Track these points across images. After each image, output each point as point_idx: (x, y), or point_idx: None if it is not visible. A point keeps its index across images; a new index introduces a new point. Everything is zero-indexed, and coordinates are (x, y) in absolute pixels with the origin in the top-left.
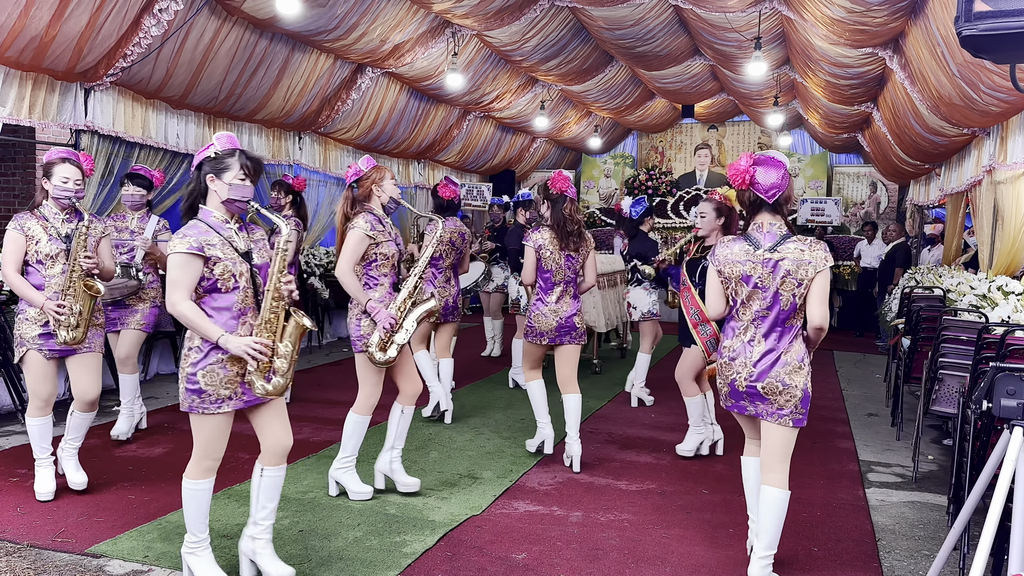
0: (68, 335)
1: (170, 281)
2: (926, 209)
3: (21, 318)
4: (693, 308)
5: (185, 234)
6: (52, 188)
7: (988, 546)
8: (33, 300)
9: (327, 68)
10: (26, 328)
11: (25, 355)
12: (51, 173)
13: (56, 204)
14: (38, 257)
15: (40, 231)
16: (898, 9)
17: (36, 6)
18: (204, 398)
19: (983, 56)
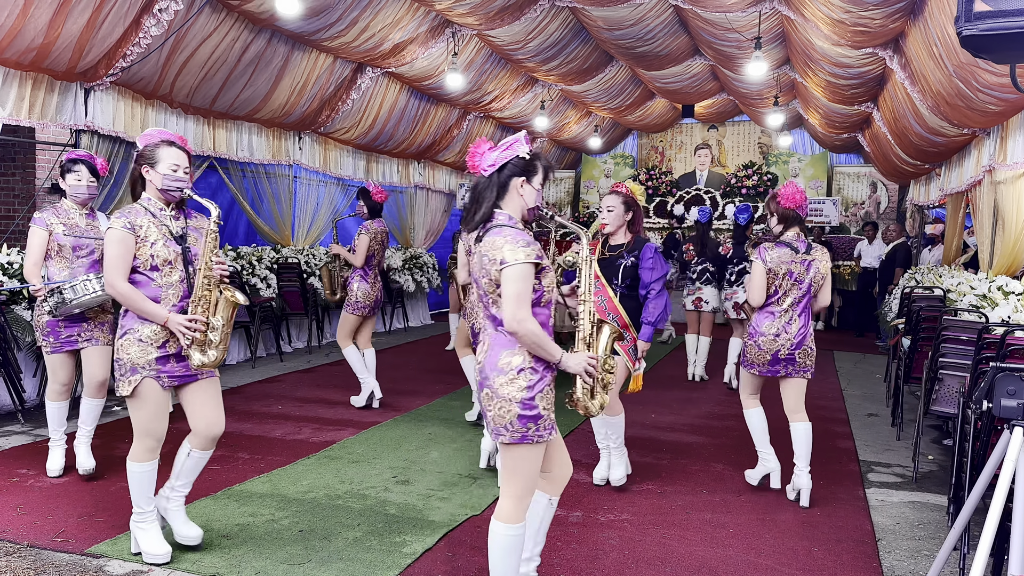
0: (204, 357)
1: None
2: (926, 209)
3: (131, 339)
4: (612, 314)
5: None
6: (160, 178)
7: (988, 546)
8: (154, 315)
9: (327, 68)
10: (138, 351)
11: (139, 385)
12: (155, 159)
13: (162, 197)
14: (153, 263)
15: (155, 231)
16: (897, 10)
17: (36, 6)
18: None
19: (983, 56)
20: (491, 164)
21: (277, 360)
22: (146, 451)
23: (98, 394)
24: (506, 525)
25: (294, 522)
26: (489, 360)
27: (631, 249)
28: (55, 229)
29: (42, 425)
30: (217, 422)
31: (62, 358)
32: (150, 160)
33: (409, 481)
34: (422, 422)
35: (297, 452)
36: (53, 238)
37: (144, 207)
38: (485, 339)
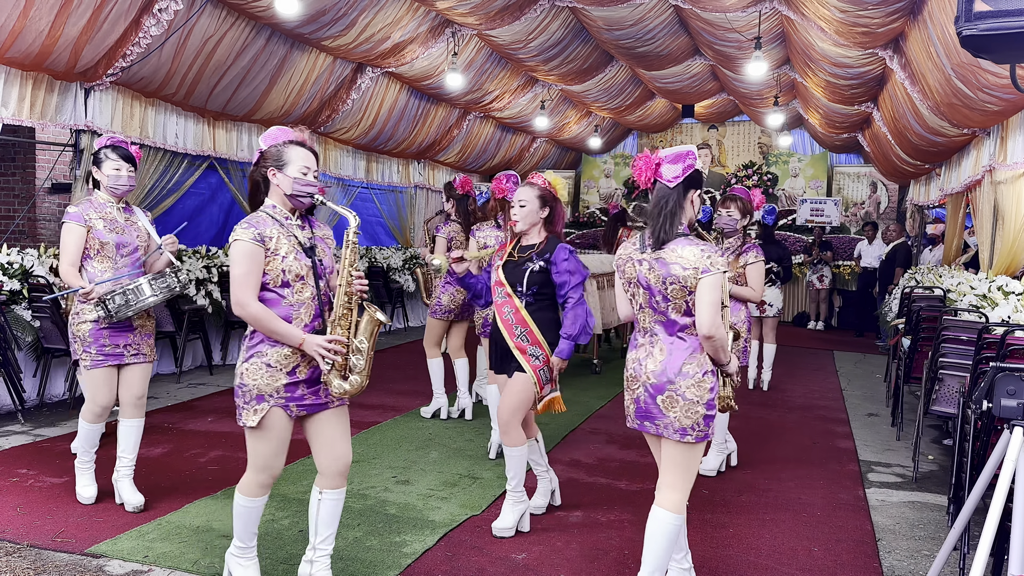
0: (345, 384)
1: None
2: (926, 209)
3: (258, 364)
4: (520, 327)
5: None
6: (290, 183)
7: (988, 546)
8: (288, 336)
9: (327, 67)
10: (266, 377)
11: (266, 415)
12: (283, 161)
13: (289, 205)
14: (284, 279)
15: (285, 242)
16: (897, 9)
17: (36, 7)
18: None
19: (983, 56)
20: (675, 176)
21: None
22: (260, 486)
23: (139, 413)
24: (676, 515)
25: (294, 522)
26: (671, 365)
27: (542, 252)
28: (95, 225)
29: (42, 425)
30: (346, 455)
31: (105, 374)
32: (277, 162)
33: (409, 481)
34: (422, 422)
35: (297, 452)
36: (93, 235)
37: (270, 215)
38: (654, 344)
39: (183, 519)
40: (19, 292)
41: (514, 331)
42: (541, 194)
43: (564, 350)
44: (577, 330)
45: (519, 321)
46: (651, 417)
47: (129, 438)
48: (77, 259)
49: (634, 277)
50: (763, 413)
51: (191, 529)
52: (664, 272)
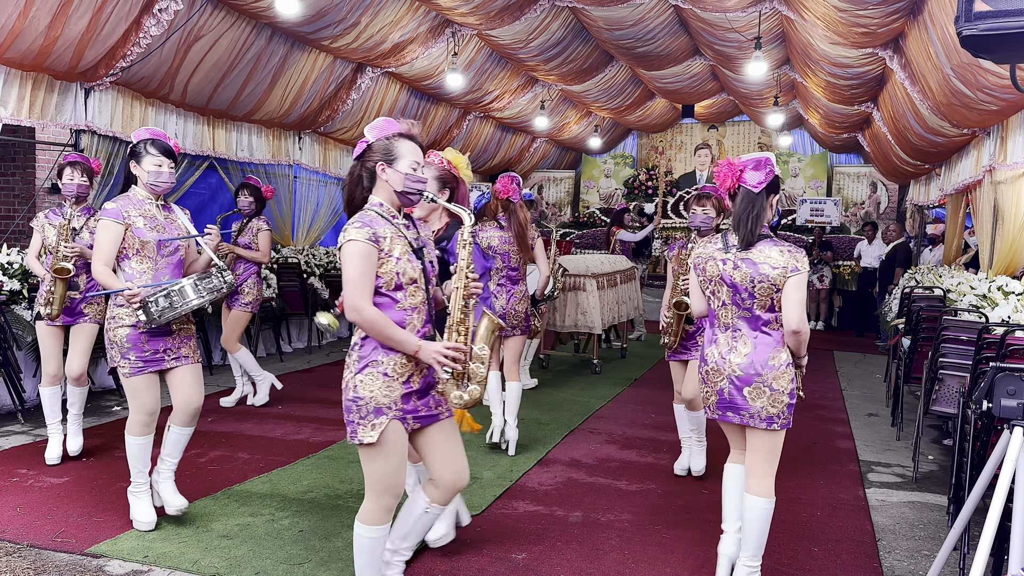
0: (464, 393)
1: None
2: (926, 209)
3: (374, 374)
4: None
5: None
6: (400, 179)
7: (988, 546)
8: (404, 343)
9: (327, 67)
10: (382, 388)
11: (385, 429)
12: (393, 155)
13: (397, 203)
14: (398, 281)
15: (398, 243)
16: (897, 9)
17: (36, 7)
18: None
19: (983, 56)
20: (760, 182)
21: (277, 360)
22: (385, 511)
23: (191, 421)
24: (769, 500)
25: (294, 522)
26: (757, 359)
27: (440, 239)
28: (134, 223)
29: (42, 425)
30: (464, 470)
31: (148, 380)
32: (387, 156)
33: None
34: None
35: (297, 452)
36: (132, 233)
37: (380, 214)
38: (737, 339)
39: (183, 519)
40: (19, 292)
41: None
42: (439, 175)
43: None
44: None
45: None
46: (736, 408)
47: (177, 443)
48: (112, 258)
49: (717, 276)
50: None
51: (191, 529)
52: (753, 271)
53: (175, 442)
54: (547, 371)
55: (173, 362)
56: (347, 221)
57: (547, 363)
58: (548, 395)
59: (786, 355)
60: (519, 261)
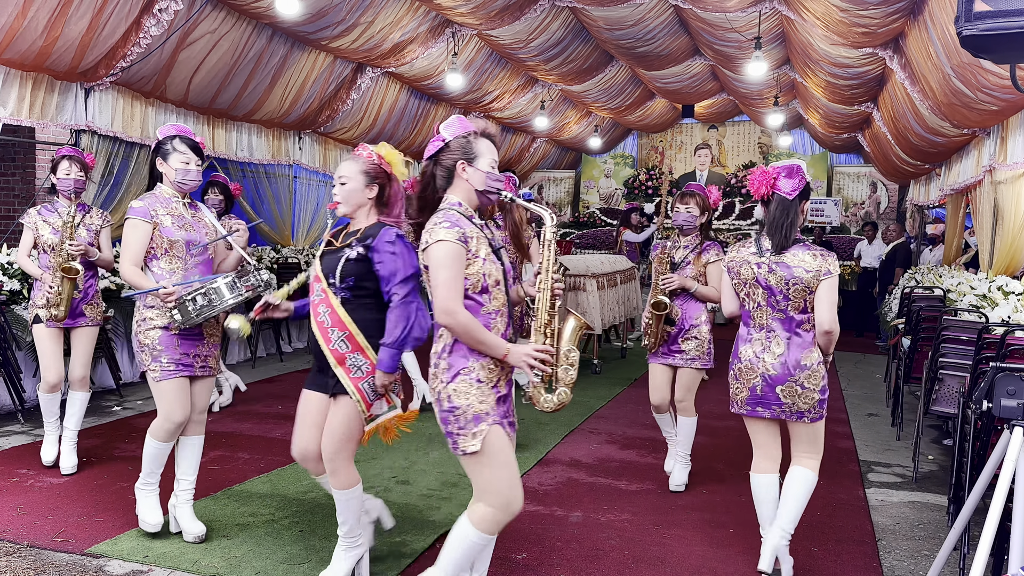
0: (554, 397)
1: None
2: (926, 209)
3: (467, 381)
4: (337, 330)
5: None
6: (482, 178)
7: (988, 546)
8: (495, 347)
9: (327, 67)
10: (477, 395)
11: (488, 436)
12: (473, 153)
13: (476, 202)
14: (484, 283)
15: (483, 243)
16: (897, 9)
17: (36, 7)
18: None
19: (983, 56)
20: (793, 189)
21: (277, 360)
22: (496, 524)
23: (200, 429)
24: (814, 474)
25: (294, 522)
26: (790, 359)
27: (364, 236)
28: (162, 221)
29: (42, 425)
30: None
31: (179, 385)
32: (467, 154)
33: (409, 481)
34: (422, 422)
35: None
36: (161, 233)
37: (462, 214)
38: (771, 339)
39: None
40: (19, 292)
41: (330, 335)
42: (366, 169)
43: (384, 360)
44: (400, 335)
45: (335, 323)
46: (767, 403)
47: (190, 457)
48: (140, 258)
49: (751, 278)
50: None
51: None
52: (787, 274)
53: (187, 455)
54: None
55: (200, 371)
56: (431, 222)
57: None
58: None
59: (817, 354)
60: (515, 260)
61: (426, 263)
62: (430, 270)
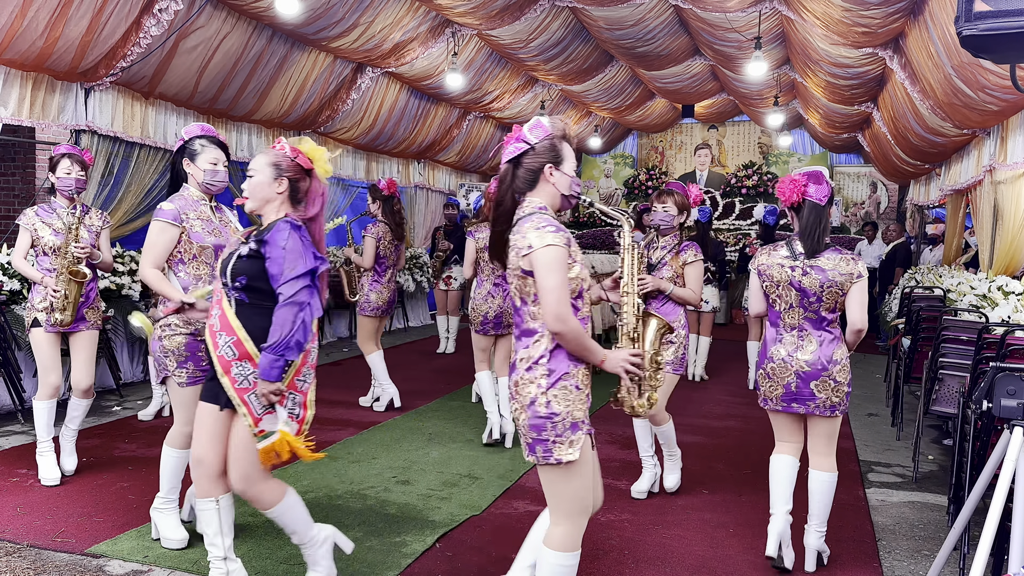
0: (642, 400)
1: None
2: (926, 209)
3: (568, 387)
4: (225, 334)
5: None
6: (568, 182)
7: (988, 546)
8: (595, 352)
9: (327, 67)
10: (575, 401)
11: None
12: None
13: (557, 205)
14: (581, 288)
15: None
16: (897, 9)
17: (36, 7)
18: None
19: (983, 56)
20: (824, 196)
21: None
22: (578, 534)
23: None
24: (833, 474)
25: None
26: (823, 355)
27: (260, 232)
28: (192, 226)
29: None
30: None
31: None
32: (555, 158)
33: (409, 481)
34: (422, 422)
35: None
36: (190, 238)
37: (552, 218)
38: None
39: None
40: (19, 292)
41: (218, 340)
42: (274, 162)
43: (264, 368)
44: (281, 339)
45: (224, 326)
46: (801, 399)
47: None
48: (163, 262)
49: (785, 281)
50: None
51: (190, 529)
52: (821, 277)
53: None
54: None
55: None
56: (527, 225)
57: None
58: None
59: (844, 350)
60: None
61: (529, 268)
62: (537, 275)
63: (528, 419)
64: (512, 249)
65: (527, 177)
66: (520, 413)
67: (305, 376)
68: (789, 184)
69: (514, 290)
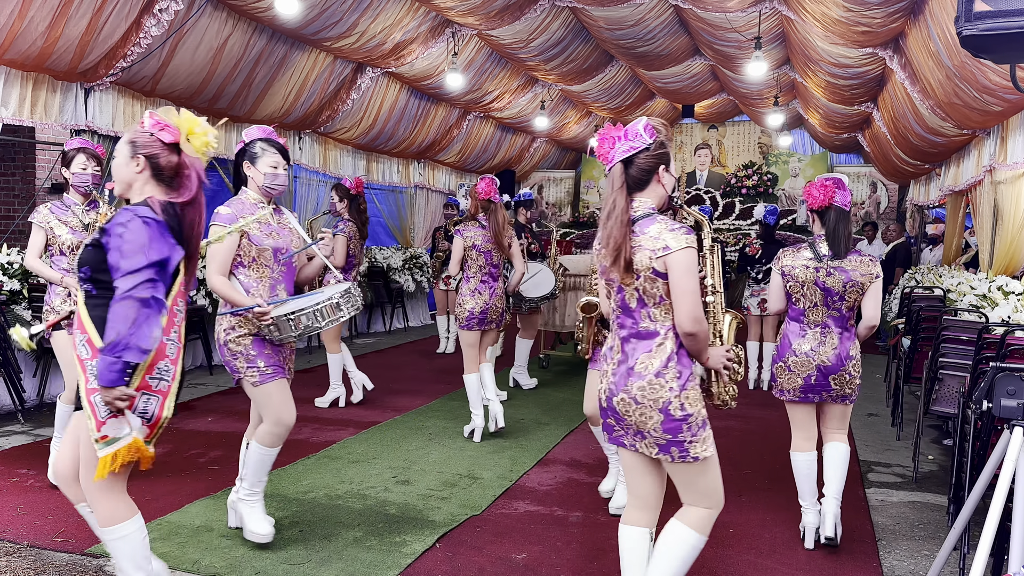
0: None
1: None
2: (926, 209)
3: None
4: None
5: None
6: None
7: (988, 546)
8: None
9: (327, 67)
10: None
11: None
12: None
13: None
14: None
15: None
16: (898, 9)
17: (36, 7)
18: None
19: (983, 56)
20: (848, 202)
21: None
22: (712, 523)
23: (280, 442)
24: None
25: (294, 522)
26: (842, 350)
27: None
28: (251, 230)
29: (42, 425)
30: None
31: (281, 385)
32: (665, 159)
33: (409, 481)
34: (422, 422)
35: (297, 452)
36: (249, 241)
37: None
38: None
39: (183, 519)
40: (19, 292)
41: (76, 339)
42: (130, 139)
43: (101, 371)
44: (118, 339)
45: (79, 323)
46: (818, 390)
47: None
48: (228, 268)
49: (808, 281)
50: (763, 413)
51: (191, 529)
52: (845, 278)
53: (262, 463)
54: (547, 371)
55: (288, 374)
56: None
57: (547, 363)
58: (548, 395)
59: (857, 345)
60: (499, 259)
61: (664, 270)
62: (675, 277)
63: (661, 422)
64: (639, 250)
65: (640, 177)
66: (648, 418)
67: (161, 374)
68: (819, 188)
69: (631, 291)
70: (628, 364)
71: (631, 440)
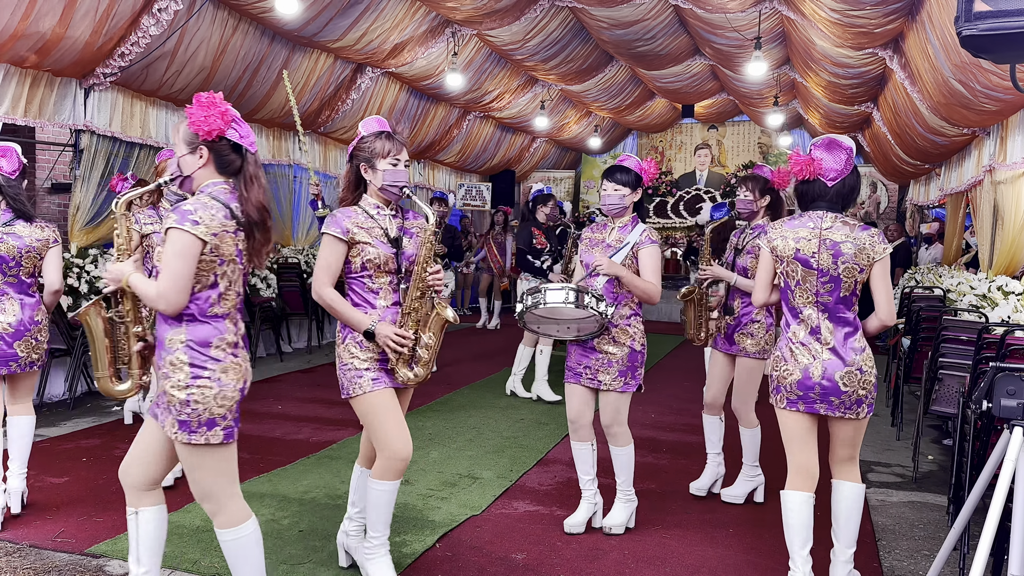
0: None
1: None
2: (926, 209)
3: None
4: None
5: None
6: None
7: (988, 546)
8: None
9: (327, 68)
10: None
11: None
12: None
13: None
14: None
15: None
16: (895, 9)
17: (37, 7)
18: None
19: (983, 56)
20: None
21: (277, 360)
22: None
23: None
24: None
25: (294, 522)
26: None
27: None
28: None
29: (42, 425)
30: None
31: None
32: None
33: (409, 481)
34: (422, 422)
35: (297, 452)
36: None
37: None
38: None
39: (183, 519)
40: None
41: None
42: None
43: None
44: None
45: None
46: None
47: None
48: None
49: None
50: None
51: (191, 529)
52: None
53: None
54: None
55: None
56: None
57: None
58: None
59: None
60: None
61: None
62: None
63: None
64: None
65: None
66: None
67: None
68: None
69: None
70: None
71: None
